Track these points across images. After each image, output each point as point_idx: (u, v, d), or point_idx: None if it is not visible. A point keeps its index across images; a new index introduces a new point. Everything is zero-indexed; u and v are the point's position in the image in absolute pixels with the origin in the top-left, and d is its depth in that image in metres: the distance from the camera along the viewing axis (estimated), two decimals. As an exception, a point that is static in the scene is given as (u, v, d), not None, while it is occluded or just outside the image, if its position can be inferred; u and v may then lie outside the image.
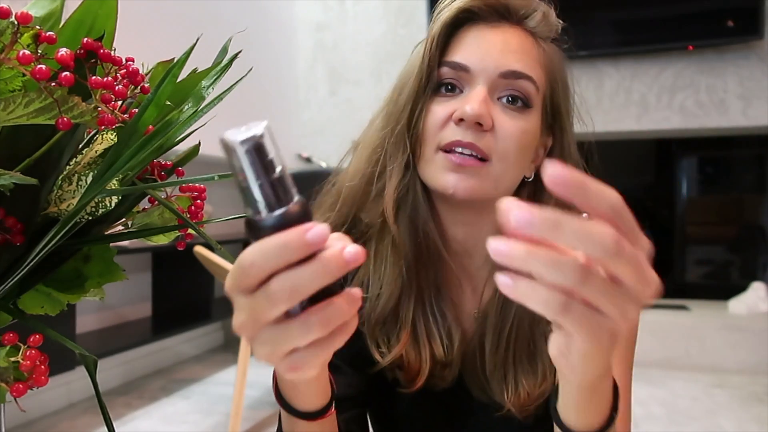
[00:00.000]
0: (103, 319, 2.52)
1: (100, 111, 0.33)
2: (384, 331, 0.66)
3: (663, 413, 2.26)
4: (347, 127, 3.45)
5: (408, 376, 0.66)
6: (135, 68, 0.37)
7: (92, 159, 0.37)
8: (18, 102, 0.30)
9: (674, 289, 3.54)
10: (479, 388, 0.67)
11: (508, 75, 0.61)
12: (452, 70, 0.63)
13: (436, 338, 0.66)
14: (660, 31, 3.09)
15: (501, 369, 0.65)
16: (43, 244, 0.33)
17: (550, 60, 0.65)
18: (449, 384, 0.67)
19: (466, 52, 0.62)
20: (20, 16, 0.31)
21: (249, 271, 0.29)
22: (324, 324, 0.30)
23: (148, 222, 0.44)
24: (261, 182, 0.29)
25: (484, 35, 0.63)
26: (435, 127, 0.62)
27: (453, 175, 0.60)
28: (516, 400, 0.63)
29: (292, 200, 0.30)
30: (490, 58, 0.61)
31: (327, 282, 0.29)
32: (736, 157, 3.79)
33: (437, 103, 0.63)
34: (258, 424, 2.20)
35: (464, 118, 0.59)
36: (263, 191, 0.29)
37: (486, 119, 0.59)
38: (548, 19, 0.65)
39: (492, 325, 0.66)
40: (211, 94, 0.41)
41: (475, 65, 0.61)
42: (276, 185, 0.29)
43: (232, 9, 2.88)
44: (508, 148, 0.60)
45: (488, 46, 0.62)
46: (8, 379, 0.33)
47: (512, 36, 0.63)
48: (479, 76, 0.61)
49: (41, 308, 0.41)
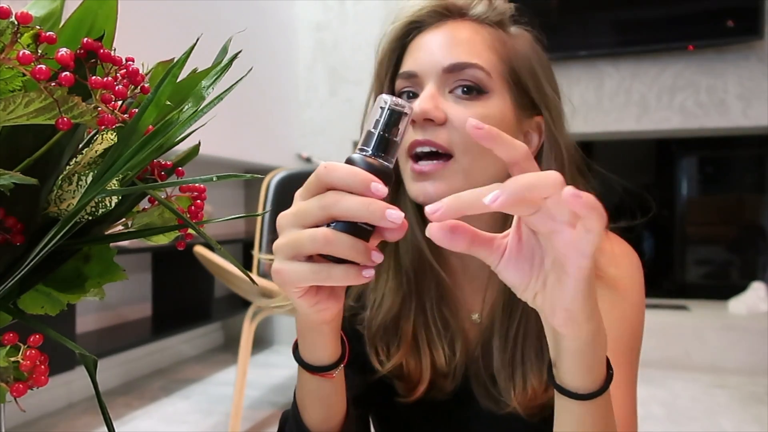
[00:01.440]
0: (103, 319, 2.52)
1: (100, 111, 0.33)
2: (384, 340, 0.67)
3: (663, 413, 2.26)
4: (347, 127, 3.45)
5: (407, 386, 0.66)
6: (135, 68, 0.37)
7: (92, 159, 0.37)
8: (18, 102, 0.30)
9: (674, 289, 3.54)
10: (484, 390, 0.66)
11: (452, 68, 0.62)
12: (405, 80, 0.65)
13: (438, 348, 0.66)
14: (660, 31, 3.09)
15: (509, 367, 0.64)
16: (43, 244, 0.33)
17: (503, 41, 0.65)
18: (449, 396, 0.67)
19: (412, 59, 0.65)
20: (20, 16, 0.31)
21: (321, 175, 0.38)
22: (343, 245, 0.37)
23: (148, 222, 0.44)
24: (382, 134, 0.40)
25: (428, 38, 0.65)
26: None
27: (418, 184, 0.61)
28: (523, 398, 0.63)
29: (386, 162, 0.40)
30: (431, 58, 0.63)
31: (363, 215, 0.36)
32: (736, 157, 3.79)
33: None
34: (258, 424, 2.20)
35: (414, 117, 0.60)
36: (378, 140, 0.40)
37: (434, 113, 0.60)
38: (493, 3, 0.66)
39: (499, 323, 0.65)
40: (211, 94, 0.41)
41: (420, 68, 0.63)
42: (389, 144, 0.40)
43: (232, 9, 2.88)
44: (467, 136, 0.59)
45: (430, 47, 0.64)
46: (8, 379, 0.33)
47: (455, 29, 0.64)
48: (426, 77, 0.63)
49: (41, 308, 0.41)
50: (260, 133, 3.16)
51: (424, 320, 0.67)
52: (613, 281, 0.64)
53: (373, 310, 0.67)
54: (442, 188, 0.59)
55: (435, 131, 0.60)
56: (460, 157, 0.60)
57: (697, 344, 2.85)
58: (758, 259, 3.46)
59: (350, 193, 0.37)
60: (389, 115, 0.40)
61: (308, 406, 0.56)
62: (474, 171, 0.60)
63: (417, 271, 0.67)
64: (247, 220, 3.19)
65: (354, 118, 3.44)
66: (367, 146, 0.40)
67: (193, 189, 0.45)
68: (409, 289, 0.66)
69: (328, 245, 0.37)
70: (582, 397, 0.43)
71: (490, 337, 0.66)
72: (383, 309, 0.66)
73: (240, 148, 2.93)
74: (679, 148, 3.67)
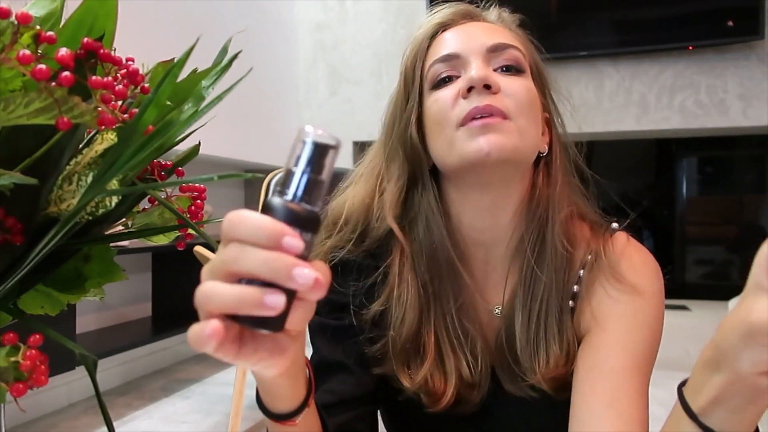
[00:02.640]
0: (103, 319, 2.52)
1: (100, 111, 0.33)
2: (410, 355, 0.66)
3: (663, 413, 2.26)
4: (347, 127, 3.45)
5: (432, 399, 0.66)
6: (135, 68, 0.37)
7: (92, 159, 0.37)
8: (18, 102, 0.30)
9: (674, 289, 3.54)
10: (509, 373, 0.66)
11: (497, 47, 0.65)
12: (444, 63, 0.66)
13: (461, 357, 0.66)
14: (660, 31, 3.09)
15: (533, 344, 0.65)
16: (43, 244, 0.33)
17: (523, 38, 0.70)
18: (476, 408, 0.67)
19: (451, 44, 0.67)
20: (20, 16, 0.31)
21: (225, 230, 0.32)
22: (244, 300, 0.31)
23: (148, 222, 0.44)
24: (306, 173, 0.33)
25: (463, 27, 0.69)
26: (445, 109, 0.64)
27: (482, 137, 0.60)
28: (547, 371, 0.63)
29: (310, 206, 0.33)
30: (476, 39, 0.66)
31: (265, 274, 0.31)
32: (736, 157, 3.79)
33: (439, 92, 0.66)
34: (258, 424, 2.20)
35: (473, 84, 0.62)
36: (300, 180, 0.33)
37: (493, 80, 0.62)
38: (503, 15, 0.72)
39: (521, 305, 0.66)
40: (211, 94, 0.41)
41: (463, 49, 0.65)
42: (315, 184, 0.33)
43: (232, 9, 2.88)
44: (521, 103, 0.63)
45: (469, 33, 0.67)
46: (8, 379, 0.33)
47: (484, 23, 0.70)
48: (471, 56, 0.65)
49: (41, 308, 0.41)
50: (260, 133, 3.16)
51: (445, 328, 0.67)
52: (635, 286, 0.64)
53: (395, 327, 0.66)
54: (503, 141, 0.60)
55: (493, 97, 0.62)
56: (516, 118, 0.62)
57: (697, 344, 2.85)
58: (758, 259, 3.45)
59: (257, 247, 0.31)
60: (314, 149, 0.33)
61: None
62: (527, 133, 0.63)
63: (434, 277, 0.66)
64: (247, 220, 3.19)
65: (354, 118, 3.45)
66: (287, 188, 0.33)
67: (193, 189, 0.45)
68: (427, 297, 0.66)
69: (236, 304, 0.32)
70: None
71: (512, 321, 0.66)
72: (406, 324, 0.65)
73: (240, 148, 2.93)
74: (679, 148, 3.67)
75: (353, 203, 0.70)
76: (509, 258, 0.68)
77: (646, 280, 0.66)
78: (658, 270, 0.68)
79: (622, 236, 0.69)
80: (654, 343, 0.65)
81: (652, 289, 0.66)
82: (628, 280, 0.65)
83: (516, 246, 0.68)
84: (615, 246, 0.67)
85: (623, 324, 0.63)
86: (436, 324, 0.66)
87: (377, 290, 0.68)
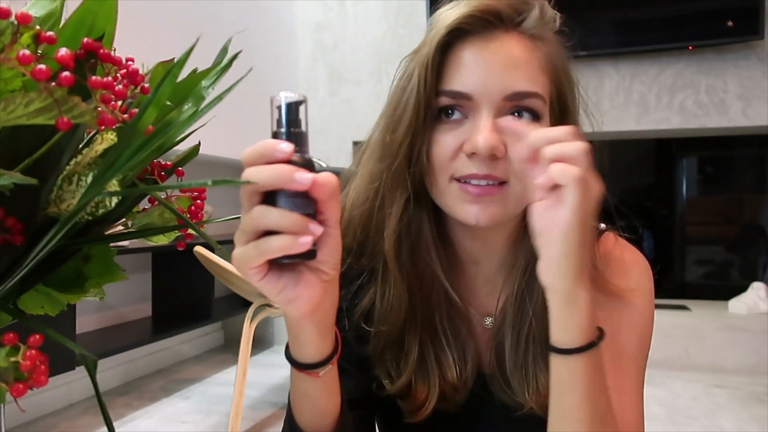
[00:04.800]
0: (103, 319, 2.52)
1: (100, 111, 0.33)
2: (391, 357, 0.66)
3: (663, 413, 2.26)
4: (347, 127, 3.45)
5: (411, 407, 0.66)
6: (135, 68, 0.37)
7: (92, 159, 0.37)
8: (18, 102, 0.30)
9: (674, 289, 3.54)
10: (501, 392, 0.66)
11: (514, 97, 0.57)
12: (453, 99, 0.59)
13: (449, 360, 0.65)
14: (660, 31, 3.09)
15: (521, 368, 0.65)
16: (43, 244, 0.33)
17: (552, 61, 0.61)
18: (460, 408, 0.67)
19: (464, 77, 0.58)
20: (20, 16, 0.31)
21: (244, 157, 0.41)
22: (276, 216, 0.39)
23: (148, 222, 0.44)
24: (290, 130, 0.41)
25: (481, 54, 0.58)
26: (445, 159, 0.59)
27: (473, 206, 0.58)
28: (537, 397, 0.63)
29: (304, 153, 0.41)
30: (492, 81, 0.57)
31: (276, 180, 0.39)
32: (736, 157, 3.78)
33: (441, 132, 0.60)
34: (258, 424, 2.20)
35: (477, 152, 0.56)
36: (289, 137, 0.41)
37: (499, 149, 0.56)
38: (545, 15, 0.61)
39: (511, 324, 0.66)
40: (211, 94, 0.41)
41: (477, 92, 0.57)
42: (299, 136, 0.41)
43: (232, 9, 2.88)
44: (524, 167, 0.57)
45: (487, 67, 0.57)
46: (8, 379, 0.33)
47: (510, 47, 0.58)
48: (483, 103, 0.57)
49: (41, 308, 0.41)
50: (260, 133, 3.15)
51: (431, 334, 0.66)
52: (621, 291, 0.64)
53: (378, 324, 0.66)
54: (494, 213, 0.58)
55: (495, 165, 0.57)
56: (515, 184, 0.58)
57: (697, 344, 2.85)
58: (758, 259, 3.46)
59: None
60: (288, 110, 0.41)
61: (298, 404, 0.55)
62: (524, 195, 0.57)
63: (424, 285, 0.66)
64: (247, 220, 3.19)
65: (354, 118, 3.45)
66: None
67: (193, 189, 0.45)
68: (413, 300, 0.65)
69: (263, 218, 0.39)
70: (561, 351, 0.50)
71: (503, 339, 0.66)
72: (389, 322, 0.65)
73: (240, 148, 2.91)
74: (679, 148, 3.67)
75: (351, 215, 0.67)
76: (504, 273, 0.68)
77: (633, 280, 0.66)
78: (647, 268, 0.68)
79: (610, 237, 0.69)
80: (643, 341, 0.65)
81: (641, 288, 0.66)
82: (614, 285, 0.64)
83: (511, 263, 0.67)
84: (602, 248, 0.67)
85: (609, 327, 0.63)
86: (423, 328, 0.66)
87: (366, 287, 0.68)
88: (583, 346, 0.50)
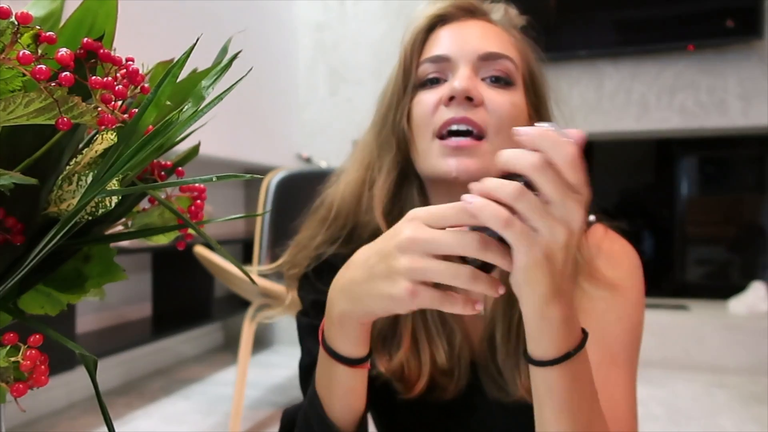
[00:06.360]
0: (103, 319, 2.52)
1: (100, 111, 0.33)
2: (385, 341, 0.67)
3: (663, 413, 2.26)
4: (347, 127, 3.45)
5: (405, 385, 0.66)
6: (135, 68, 0.37)
7: (92, 159, 0.37)
8: (18, 102, 0.30)
9: (674, 289, 3.54)
10: (493, 382, 0.67)
11: (488, 56, 0.64)
12: (433, 63, 0.65)
13: (437, 344, 0.66)
14: (660, 31, 3.09)
15: (513, 357, 0.65)
16: (43, 244, 0.33)
17: (522, 44, 0.69)
18: (455, 396, 0.67)
19: (444, 45, 0.66)
20: (20, 16, 0.31)
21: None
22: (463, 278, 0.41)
23: (148, 222, 0.44)
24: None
25: (458, 28, 0.67)
26: (426, 114, 0.63)
27: (452, 159, 0.61)
28: (528, 384, 0.63)
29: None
30: (468, 45, 0.64)
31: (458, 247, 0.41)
32: (736, 157, 3.78)
33: (423, 94, 0.65)
34: (258, 424, 2.20)
35: (454, 94, 0.61)
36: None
37: (475, 92, 0.61)
38: (509, 13, 0.70)
39: (502, 313, 0.66)
40: (211, 94, 0.41)
41: (455, 53, 0.64)
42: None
43: (232, 9, 2.87)
44: (502, 120, 0.62)
45: (464, 35, 0.66)
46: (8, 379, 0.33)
47: (484, 25, 0.67)
48: (460, 61, 0.64)
49: (41, 308, 0.41)
50: (260, 133, 3.16)
51: (422, 318, 0.67)
52: (611, 282, 0.64)
53: None
54: (473, 165, 0.60)
55: (472, 110, 0.61)
56: (493, 138, 0.61)
57: (697, 344, 2.85)
58: (758, 259, 3.46)
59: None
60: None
61: (335, 398, 0.56)
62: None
63: None
64: (247, 220, 3.19)
65: (354, 118, 3.45)
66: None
67: (193, 189, 0.45)
68: None
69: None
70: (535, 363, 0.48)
71: (494, 330, 0.66)
72: None
73: (240, 148, 2.92)
74: (679, 148, 3.66)
75: (344, 196, 0.70)
76: None
77: (623, 271, 0.66)
78: (636, 259, 0.68)
79: (599, 228, 0.69)
80: (633, 334, 0.65)
81: (631, 279, 0.66)
82: (603, 276, 0.65)
83: None
84: (591, 239, 0.67)
85: (598, 319, 0.63)
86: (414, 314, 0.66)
87: None
88: (558, 358, 0.47)
